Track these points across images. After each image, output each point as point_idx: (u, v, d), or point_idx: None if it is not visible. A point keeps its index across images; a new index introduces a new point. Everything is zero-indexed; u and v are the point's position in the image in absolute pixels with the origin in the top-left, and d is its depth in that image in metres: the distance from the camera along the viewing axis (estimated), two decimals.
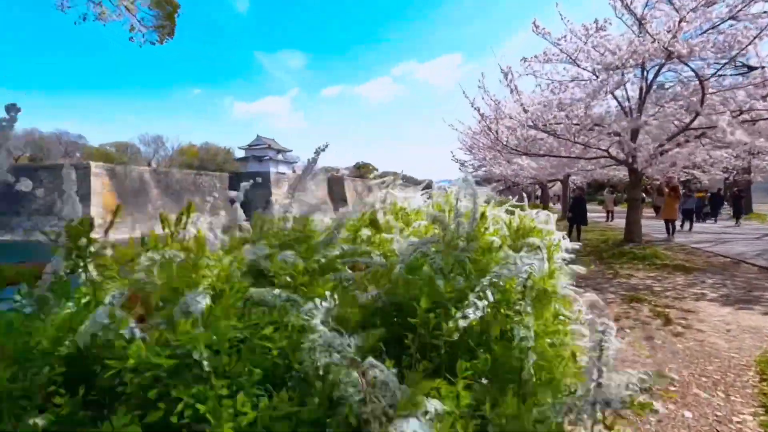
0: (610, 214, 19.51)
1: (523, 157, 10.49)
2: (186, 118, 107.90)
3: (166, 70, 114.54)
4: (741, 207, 17.00)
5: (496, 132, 7.90)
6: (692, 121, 6.97)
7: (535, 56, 9.00)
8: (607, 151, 8.38)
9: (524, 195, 4.90)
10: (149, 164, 46.73)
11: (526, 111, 7.54)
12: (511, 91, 7.70)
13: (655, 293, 5.38)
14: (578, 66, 8.70)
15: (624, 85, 8.62)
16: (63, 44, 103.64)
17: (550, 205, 28.85)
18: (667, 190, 11.86)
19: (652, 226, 13.07)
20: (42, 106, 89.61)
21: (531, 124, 7.56)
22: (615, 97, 8.89)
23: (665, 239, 10.83)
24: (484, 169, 22.61)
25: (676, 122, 7.65)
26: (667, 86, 9.09)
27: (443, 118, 9.13)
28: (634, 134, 8.77)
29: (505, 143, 8.06)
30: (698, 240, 10.75)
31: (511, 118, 7.86)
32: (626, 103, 9.10)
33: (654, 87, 8.66)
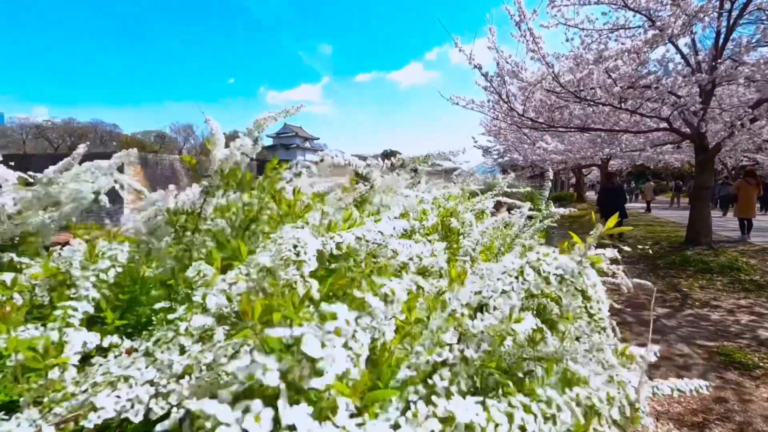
0: (648, 205, 16.96)
1: (547, 136, 8.24)
2: (220, 107, 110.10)
3: (201, 61, 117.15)
4: None
5: (507, 97, 5.76)
6: None
7: None
8: (667, 120, 6.06)
9: (548, 178, 2.95)
10: (180, 152, 47.56)
11: (549, 66, 5.35)
12: (526, 41, 5.51)
13: (764, 346, 3.24)
14: (627, 6, 6.37)
15: (691, 29, 6.22)
16: (99, 39, 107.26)
17: (586, 195, 25.87)
18: (736, 183, 9.02)
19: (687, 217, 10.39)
20: (79, 96, 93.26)
21: (552, 86, 5.37)
22: (678, 48, 6.50)
23: (739, 239, 8.32)
24: (510, 155, 20.23)
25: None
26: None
27: (439, 91, 7.02)
28: (705, 100, 6.38)
29: (521, 114, 5.92)
30: None
31: (519, 78, 5.69)
32: (692, 58, 6.68)
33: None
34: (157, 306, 0.67)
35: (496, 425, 0.40)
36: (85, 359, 0.58)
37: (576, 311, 0.60)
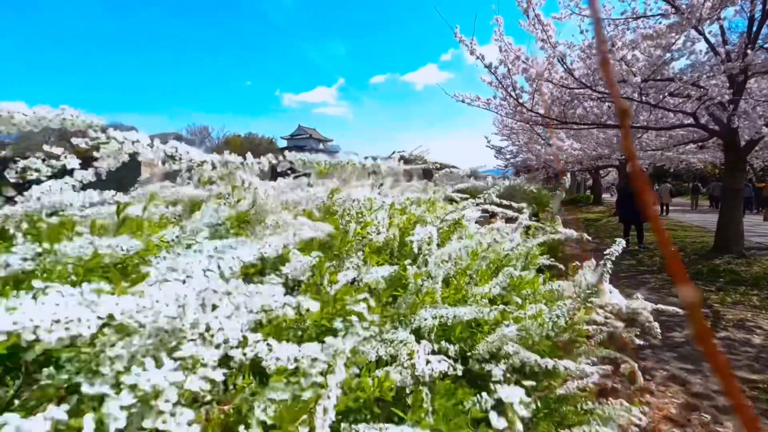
0: (665, 208, 16.10)
1: (561, 133, 7.69)
2: (236, 109, 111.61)
3: (218, 64, 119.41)
4: None
5: (513, 90, 5.25)
6: None
7: None
8: (693, 116, 5.47)
9: (566, 179, 2.53)
10: None
11: (561, 55, 4.84)
12: (535, 30, 5.00)
13: None
14: None
15: (719, 15, 5.62)
16: (116, 45, 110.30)
17: (603, 197, 24.89)
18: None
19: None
20: (100, 100, 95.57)
21: (564, 78, 4.86)
22: (704, 36, 5.89)
23: None
24: (523, 155, 19.58)
25: None
26: None
27: (444, 90, 6.57)
28: (736, 92, 5.76)
29: (529, 109, 5.42)
30: None
31: (525, 65, 5.18)
32: (721, 47, 6.06)
33: None
34: None
35: None
36: None
37: None
